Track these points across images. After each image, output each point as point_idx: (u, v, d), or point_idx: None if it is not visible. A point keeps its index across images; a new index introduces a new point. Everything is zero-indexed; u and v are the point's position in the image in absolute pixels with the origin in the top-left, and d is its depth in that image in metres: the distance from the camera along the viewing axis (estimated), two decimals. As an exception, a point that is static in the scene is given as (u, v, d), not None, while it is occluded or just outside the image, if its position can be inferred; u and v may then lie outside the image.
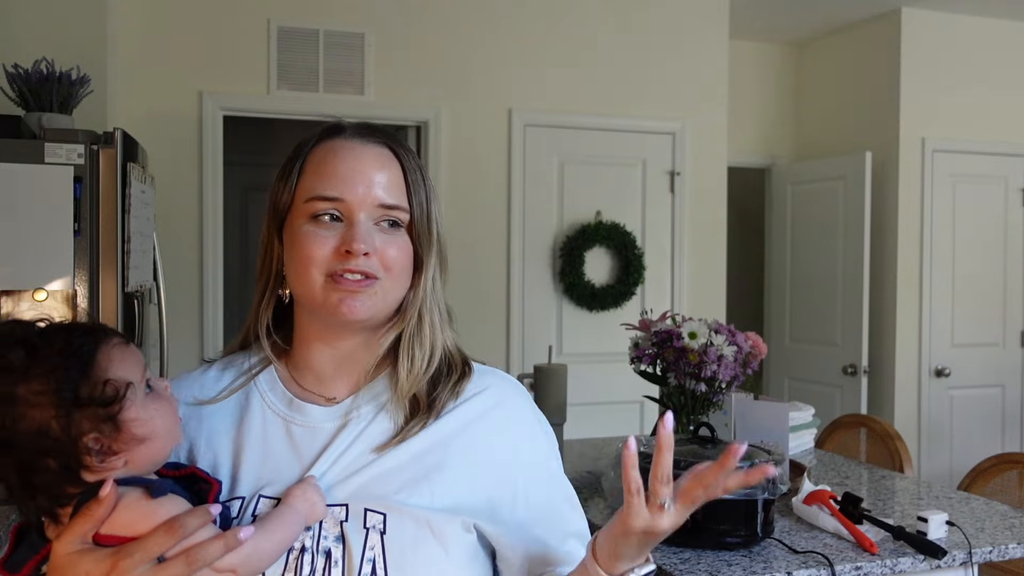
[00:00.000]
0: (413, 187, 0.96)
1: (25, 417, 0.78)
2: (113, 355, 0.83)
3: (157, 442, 0.84)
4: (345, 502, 0.91)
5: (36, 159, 2.19)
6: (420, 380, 0.97)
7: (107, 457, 0.81)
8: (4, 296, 2.19)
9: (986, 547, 1.82)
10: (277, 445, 0.95)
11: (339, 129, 0.99)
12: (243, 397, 0.99)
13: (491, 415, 1.00)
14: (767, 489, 1.72)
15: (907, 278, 4.42)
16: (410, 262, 0.96)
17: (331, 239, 0.92)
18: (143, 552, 0.77)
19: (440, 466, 0.94)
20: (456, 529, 0.92)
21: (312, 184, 0.94)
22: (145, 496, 0.81)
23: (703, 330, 2.21)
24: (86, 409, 0.79)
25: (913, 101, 4.39)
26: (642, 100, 4.04)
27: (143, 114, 3.37)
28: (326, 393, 0.98)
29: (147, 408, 0.84)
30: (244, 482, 0.93)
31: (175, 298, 3.26)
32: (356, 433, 0.95)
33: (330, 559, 0.88)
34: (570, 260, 3.90)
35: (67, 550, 0.79)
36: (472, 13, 3.79)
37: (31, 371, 0.78)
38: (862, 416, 3.29)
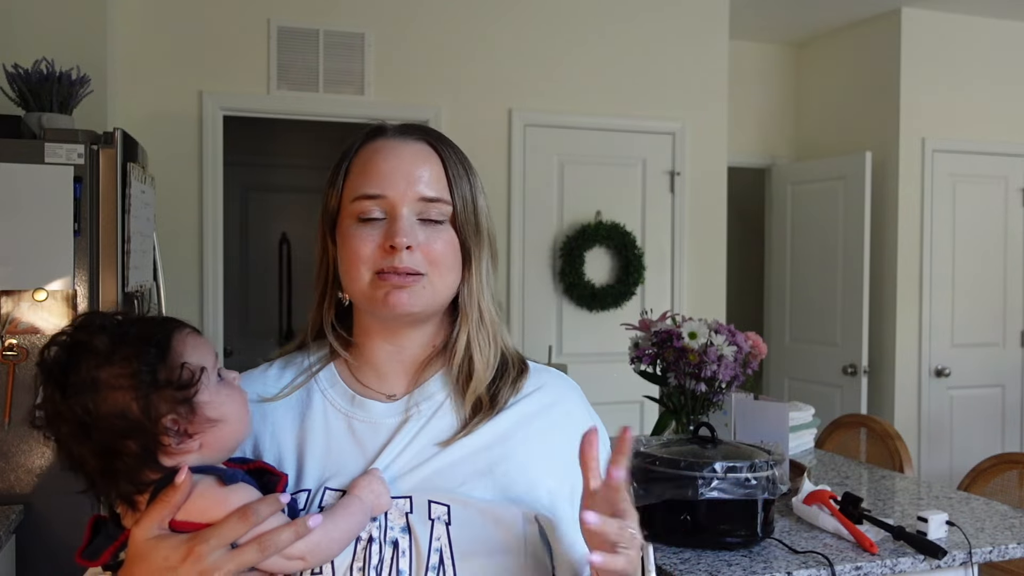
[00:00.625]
0: (455, 180, 0.98)
1: (107, 400, 0.81)
2: (187, 342, 0.87)
3: (229, 426, 0.88)
4: (409, 494, 0.93)
5: (36, 159, 2.19)
6: (492, 372, 0.99)
7: (183, 439, 0.84)
8: (4, 296, 2.19)
9: (986, 547, 1.82)
10: (340, 440, 0.98)
11: (381, 130, 1.02)
12: (304, 394, 1.02)
13: (549, 412, 1.02)
14: (767, 489, 1.72)
15: (907, 278, 4.42)
16: (457, 256, 0.98)
17: (376, 236, 0.95)
18: (218, 538, 0.80)
19: (501, 460, 0.96)
20: (518, 520, 0.93)
21: (356, 184, 0.97)
22: (218, 483, 0.84)
23: (703, 330, 2.21)
24: (163, 391, 0.83)
25: (913, 101, 4.39)
26: (642, 100, 4.04)
27: (143, 114, 3.37)
28: (386, 390, 1.01)
29: (219, 393, 0.88)
30: (309, 475, 0.96)
31: (175, 298, 3.26)
32: (418, 428, 0.97)
33: (397, 549, 0.90)
34: (570, 260, 3.90)
35: (145, 535, 0.82)
36: (472, 13, 3.79)
37: (113, 356, 0.82)
38: (862, 416, 3.29)
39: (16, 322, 2.19)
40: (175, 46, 3.44)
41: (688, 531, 1.75)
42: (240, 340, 5.02)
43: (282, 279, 5.49)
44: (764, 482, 1.71)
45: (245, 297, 5.41)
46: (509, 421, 0.99)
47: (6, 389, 2.19)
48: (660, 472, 1.74)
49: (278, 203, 5.48)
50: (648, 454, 1.79)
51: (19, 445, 2.20)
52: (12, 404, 2.19)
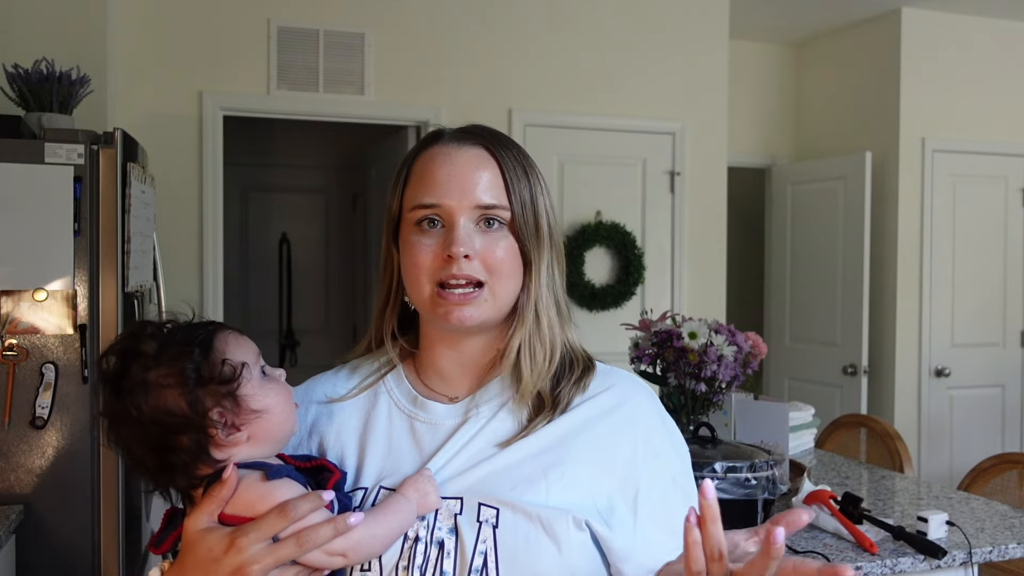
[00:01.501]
0: (512, 184, 0.97)
1: (158, 399, 0.87)
2: (229, 340, 0.92)
3: (274, 416, 0.92)
4: (460, 495, 0.93)
5: (36, 159, 2.19)
6: (543, 378, 0.99)
7: (231, 431, 0.89)
8: (4, 296, 2.19)
9: (986, 547, 1.82)
10: (401, 440, 0.99)
11: (438, 135, 1.01)
12: (372, 395, 1.04)
13: (614, 414, 1.00)
14: (767, 489, 1.72)
15: (907, 278, 4.42)
16: (518, 261, 0.97)
17: (434, 245, 0.95)
18: (257, 532, 0.83)
19: (558, 464, 0.95)
20: (568, 526, 0.91)
21: (414, 193, 0.97)
22: (262, 478, 0.88)
23: (703, 330, 2.21)
24: (208, 387, 0.88)
25: (913, 101, 4.39)
26: (642, 100, 4.04)
27: (143, 114, 3.37)
28: (449, 392, 1.02)
29: (263, 387, 0.92)
30: (368, 474, 0.98)
31: (175, 298, 3.26)
32: (476, 429, 0.97)
33: (443, 550, 0.91)
34: (570, 260, 3.89)
35: (196, 527, 0.86)
36: (472, 13, 3.79)
37: (160, 358, 0.88)
38: (862, 416, 3.29)
39: (16, 322, 2.19)
40: (175, 46, 3.44)
41: (688, 531, 1.75)
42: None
43: (282, 279, 5.49)
44: (764, 482, 1.71)
45: (245, 297, 5.41)
46: (571, 424, 0.97)
47: (6, 389, 2.19)
48: (660, 472, 1.74)
49: (278, 203, 5.49)
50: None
51: (19, 445, 2.20)
52: (12, 404, 2.19)
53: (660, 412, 1.04)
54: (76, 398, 2.22)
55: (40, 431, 2.20)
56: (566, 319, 1.03)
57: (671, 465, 1.00)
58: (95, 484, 2.24)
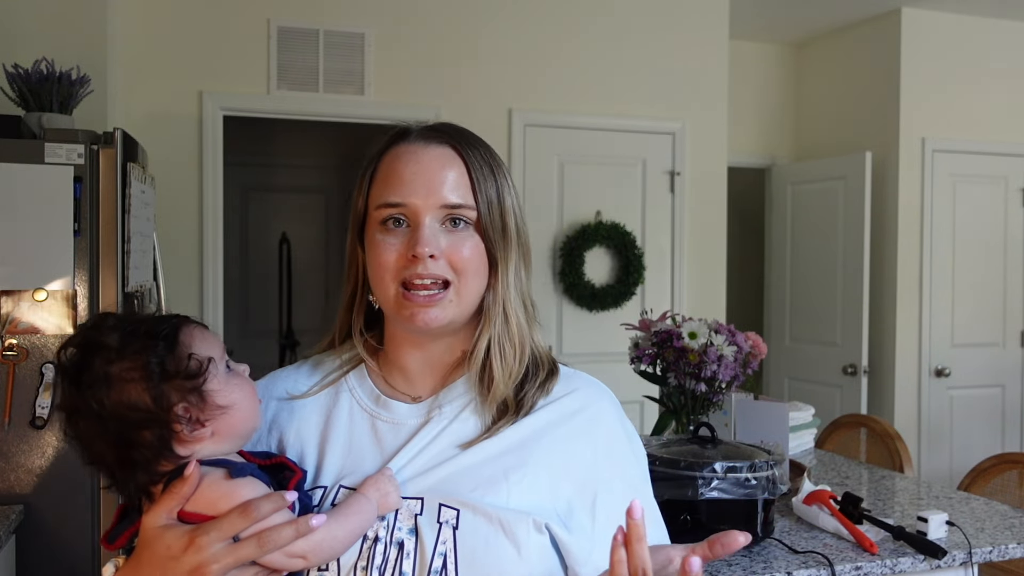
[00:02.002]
0: (479, 183, 0.96)
1: (121, 393, 0.85)
2: (194, 334, 0.90)
3: (239, 412, 0.90)
4: (421, 496, 0.93)
5: (36, 159, 2.19)
6: (515, 378, 0.98)
7: (195, 427, 0.87)
8: (4, 296, 2.19)
9: (986, 547, 1.82)
10: (362, 439, 0.98)
11: (404, 134, 1.00)
12: (333, 392, 1.03)
13: (576, 418, 1.00)
14: (767, 489, 1.72)
15: (907, 278, 4.42)
16: (483, 261, 0.97)
17: (399, 245, 0.94)
18: (218, 531, 0.82)
19: (519, 466, 0.94)
20: (528, 528, 0.91)
21: (380, 191, 0.97)
22: (226, 476, 0.86)
23: (703, 330, 2.21)
24: (173, 381, 0.86)
25: (913, 101, 4.39)
26: (642, 100, 4.04)
27: (143, 114, 3.38)
28: (412, 392, 1.01)
29: (228, 382, 0.90)
30: (328, 472, 0.96)
31: (175, 298, 3.26)
32: (439, 430, 0.97)
33: (403, 550, 0.90)
34: (570, 260, 3.90)
35: (154, 524, 0.84)
36: (472, 13, 3.79)
37: (124, 351, 0.86)
38: (862, 416, 3.29)
39: (16, 322, 2.19)
40: (175, 46, 3.44)
41: (688, 531, 1.75)
42: (240, 340, 5.03)
43: (282, 279, 5.49)
44: (764, 482, 1.71)
45: (245, 297, 5.41)
46: (533, 427, 0.97)
47: (6, 389, 2.19)
48: (660, 472, 1.74)
49: (278, 203, 5.49)
50: (648, 454, 1.78)
51: (19, 445, 2.20)
52: (12, 404, 2.19)
53: (621, 418, 1.04)
54: (76, 398, 2.22)
55: (40, 431, 2.20)
56: (533, 319, 1.02)
57: (629, 470, 1.01)
58: (95, 484, 2.24)
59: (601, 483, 0.97)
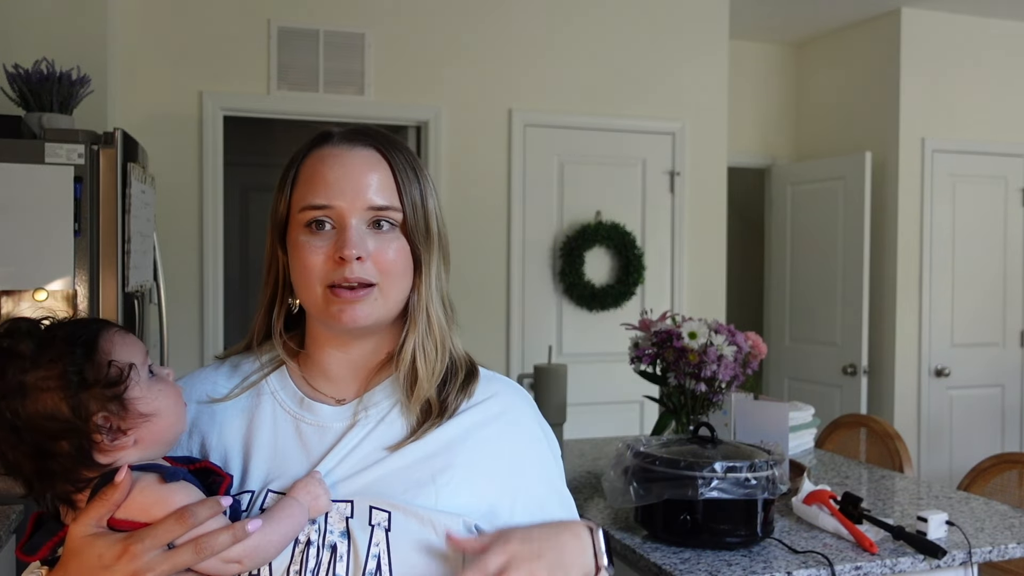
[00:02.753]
0: (404, 186, 0.96)
1: (37, 403, 0.82)
2: (115, 340, 0.87)
3: (163, 419, 0.88)
4: (351, 499, 0.92)
5: (36, 159, 2.19)
6: (437, 378, 0.99)
7: (117, 436, 0.84)
8: (4, 296, 2.19)
9: (986, 547, 1.82)
10: (287, 442, 0.97)
11: (327, 136, 0.99)
12: (255, 395, 1.01)
13: (497, 421, 1.01)
14: (767, 489, 1.72)
15: (907, 278, 4.42)
16: (408, 262, 0.97)
17: (326, 247, 0.94)
18: (153, 538, 0.80)
19: (446, 469, 0.95)
20: (459, 530, 0.93)
21: (303, 194, 0.96)
22: (159, 481, 0.84)
23: (703, 330, 2.21)
24: (93, 390, 0.83)
25: (913, 101, 4.39)
26: (642, 100, 4.04)
27: (143, 114, 3.38)
28: (336, 395, 1.01)
29: (151, 389, 0.88)
30: (254, 476, 0.95)
31: (175, 298, 3.26)
32: (365, 432, 0.96)
33: (335, 553, 0.90)
34: (570, 260, 3.90)
35: (82, 533, 0.81)
36: (473, 13, 3.79)
37: (39, 359, 0.82)
38: (862, 416, 3.29)
39: (16, 322, 2.19)
40: (175, 46, 3.44)
41: (688, 531, 1.75)
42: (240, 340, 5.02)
43: (282, 279, 5.49)
44: (764, 482, 1.71)
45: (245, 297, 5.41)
46: (457, 429, 0.98)
47: (6, 389, 2.18)
48: (660, 472, 1.74)
49: (278, 203, 5.48)
50: (648, 454, 1.79)
51: (19, 445, 2.19)
52: (12, 404, 2.19)
53: (539, 419, 1.07)
54: (76, 398, 2.22)
55: None
56: (452, 320, 1.03)
57: (548, 470, 1.04)
58: (95, 484, 2.24)
59: (521, 484, 1.00)
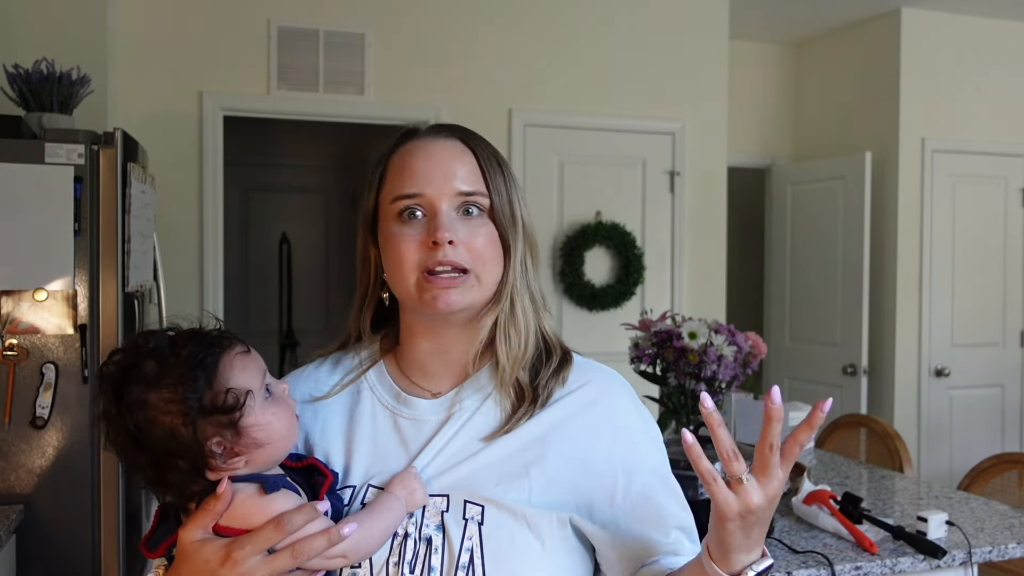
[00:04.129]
0: (489, 173, 1.00)
1: (157, 422, 0.86)
2: (235, 364, 0.90)
3: (275, 445, 0.91)
4: (446, 492, 0.95)
5: (36, 159, 2.19)
6: (521, 362, 1.00)
7: (229, 459, 0.88)
8: (4, 296, 2.19)
9: (986, 547, 1.82)
10: (386, 437, 1.00)
11: (414, 132, 1.03)
12: (355, 391, 1.04)
13: (593, 409, 1.01)
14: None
15: (907, 278, 4.42)
16: (498, 248, 0.99)
17: (418, 235, 0.96)
18: (253, 545, 0.84)
19: (539, 461, 0.96)
20: (551, 524, 0.94)
21: (394, 186, 0.99)
22: (259, 492, 0.88)
23: (703, 330, 2.21)
24: (210, 416, 0.86)
25: (913, 101, 4.39)
26: (642, 100, 4.04)
27: (143, 114, 3.37)
28: (432, 388, 1.02)
29: (265, 413, 0.90)
30: (355, 472, 0.98)
31: (175, 298, 3.26)
32: (460, 424, 0.98)
33: (431, 546, 0.92)
34: (570, 260, 3.90)
35: (190, 538, 0.86)
36: (472, 13, 3.79)
37: (161, 381, 0.86)
38: (862, 416, 3.29)
39: (16, 322, 2.19)
40: (175, 46, 3.44)
41: (688, 531, 1.75)
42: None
43: (282, 279, 5.49)
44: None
45: (245, 297, 5.41)
46: (551, 419, 0.98)
47: (6, 389, 2.19)
48: (660, 472, 1.73)
49: (278, 203, 5.48)
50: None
51: (19, 445, 2.20)
52: (12, 404, 2.19)
53: (637, 405, 1.06)
54: (76, 398, 2.22)
55: (40, 431, 2.21)
56: (540, 308, 1.05)
57: (650, 457, 1.02)
58: (95, 484, 2.24)
59: (622, 473, 0.98)
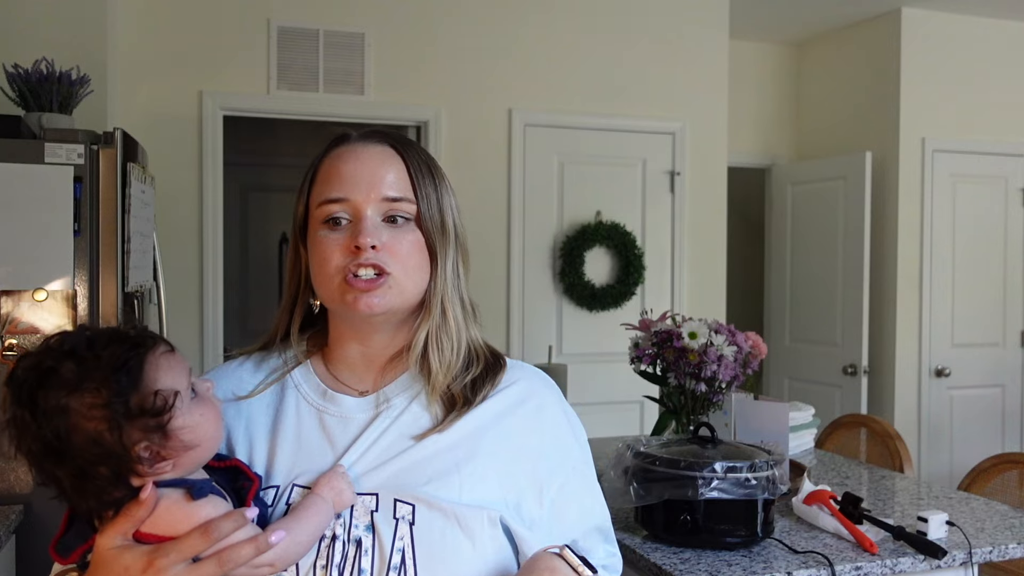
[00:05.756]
0: (418, 180, 0.99)
1: (78, 428, 0.80)
2: (161, 365, 0.85)
3: (203, 446, 0.87)
4: (375, 491, 0.93)
5: (36, 159, 2.19)
6: (452, 372, 1.00)
7: (156, 463, 0.84)
8: (4, 296, 2.19)
9: (986, 547, 1.82)
10: (311, 435, 0.98)
11: (345, 138, 1.03)
12: (279, 390, 1.03)
13: (521, 409, 1.02)
14: (767, 489, 1.72)
15: (907, 278, 4.42)
16: (424, 255, 0.99)
17: (342, 239, 0.96)
18: (178, 552, 0.81)
19: (469, 459, 0.96)
20: (482, 523, 0.93)
21: (321, 190, 0.99)
22: (186, 497, 0.84)
23: (703, 330, 2.21)
24: (137, 420, 0.81)
25: (913, 101, 4.39)
26: (642, 100, 4.04)
27: (143, 114, 3.37)
28: (358, 386, 1.02)
29: (193, 414, 0.86)
30: (279, 471, 0.96)
31: (175, 298, 3.26)
32: (388, 423, 0.98)
33: (361, 548, 0.91)
34: (570, 260, 3.90)
35: (109, 545, 0.82)
36: (472, 13, 3.79)
37: (83, 384, 0.80)
38: (862, 416, 3.29)
39: (16, 322, 2.19)
40: (175, 46, 3.44)
41: (688, 531, 1.75)
42: (240, 340, 5.02)
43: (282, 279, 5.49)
44: (764, 482, 1.71)
45: (245, 297, 5.41)
46: (481, 418, 0.99)
47: (6, 389, 2.18)
48: (660, 472, 1.74)
49: (278, 203, 5.48)
50: (648, 454, 1.79)
51: (19, 445, 2.19)
52: (12, 404, 2.18)
53: (562, 404, 1.08)
54: (76, 398, 2.22)
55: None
56: (471, 316, 1.05)
57: (572, 454, 1.05)
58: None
59: (549, 471, 1.00)
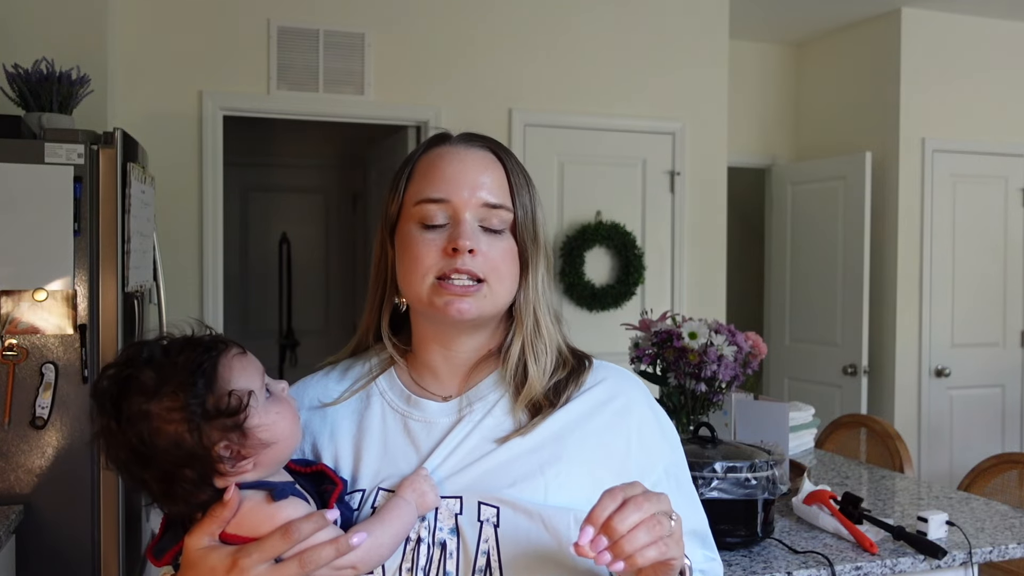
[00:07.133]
0: (516, 189, 1.00)
1: (161, 432, 0.84)
2: (234, 366, 0.89)
3: (281, 444, 0.90)
4: (459, 494, 0.93)
5: (36, 159, 2.19)
6: (547, 376, 1.00)
7: (237, 462, 0.87)
8: (4, 296, 2.19)
9: (986, 547, 1.82)
10: (395, 440, 0.99)
11: (444, 137, 1.03)
12: (364, 396, 1.03)
13: (607, 408, 1.01)
14: (767, 489, 1.72)
15: (907, 278, 4.42)
16: (516, 264, 0.99)
17: (439, 240, 0.96)
18: (260, 553, 0.83)
19: (555, 460, 0.95)
20: (568, 523, 0.92)
21: (419, 188, 0.98)
22: (267, 499, 0.87)
23: (703, 330, 2.21)
24: (215, 420, 0.85)
25: (913, 101, 4.39)
26: (642, 100, 4.04)
27: (143, 114, 3.37)
28: (441, 392, 1.02)
29: (269, 413, 0.89)
30: (365, 476, 0.97)
31: (175, 298, 3.26)
32: (471, 427, 0.97)
33: (445, 550, 0.91)
34: (570, 260, 3.90)
35: (196, 546, 0.85)
36: (472, 13, 3.79)
37: (161, 389, 0.84)
38: (862, 416, 3.29)
39: (16, 322, 2.19)
40: (175, 46, 3.44)
41: (688, 531, 1.75)
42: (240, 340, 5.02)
43: (282, 279, 5.49)
44: (764, 482, 1.71)
45: (245, 297, 5.41)
46: (565, 419, 0.98)
47: (6, 389, 2.19)
48: (660, 472, 1.73)
49: (278, 203, 5.49)
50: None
51: (19, 445, 2.20)
52: (12, 404, 2.19)
53: (651, 404, 1.05)
54: (76, 398, 2.22)
55: (40, 431, 2.21)
56: (560, 321, 1.06)
57: (663, 457, 1.02)
58: (95, 484, 2.24)
59: (635, 472, 0.98)
